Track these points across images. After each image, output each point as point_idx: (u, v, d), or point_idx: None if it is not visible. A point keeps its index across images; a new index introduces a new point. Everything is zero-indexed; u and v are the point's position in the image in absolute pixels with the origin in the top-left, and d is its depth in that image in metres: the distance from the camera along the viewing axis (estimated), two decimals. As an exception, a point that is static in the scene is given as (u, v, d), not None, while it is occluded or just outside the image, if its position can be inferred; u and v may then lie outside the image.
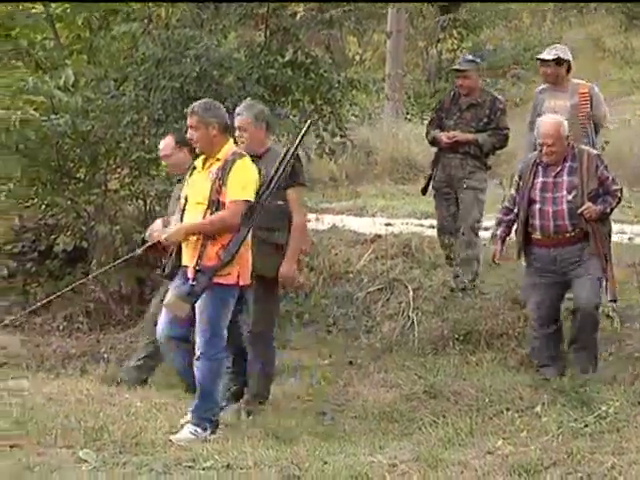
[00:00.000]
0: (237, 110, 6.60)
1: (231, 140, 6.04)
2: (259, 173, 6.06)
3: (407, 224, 10.90)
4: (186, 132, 6.05)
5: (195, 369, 5.92)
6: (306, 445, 5.65)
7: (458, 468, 5.03)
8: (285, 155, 6.04)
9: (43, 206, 10.07)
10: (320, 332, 8.93)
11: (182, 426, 5.88)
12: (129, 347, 8.65)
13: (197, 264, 5.71)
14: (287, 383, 7.60)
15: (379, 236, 10.00)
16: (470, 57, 9.24)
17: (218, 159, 5.84)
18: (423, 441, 5.70)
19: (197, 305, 5.79)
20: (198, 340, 5.86)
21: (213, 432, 5.89)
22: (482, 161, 8.71)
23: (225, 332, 5.91)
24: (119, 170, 9.85)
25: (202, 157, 5.95)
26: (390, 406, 7.00)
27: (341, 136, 10.25)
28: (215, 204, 5.76)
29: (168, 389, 7.36)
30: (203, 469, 5.20)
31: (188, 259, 5.86)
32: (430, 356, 8.09)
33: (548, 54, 8.25)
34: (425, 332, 8.47)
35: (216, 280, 5.73)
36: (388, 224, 10.98)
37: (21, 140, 8.86)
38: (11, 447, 5.58)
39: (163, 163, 7.91)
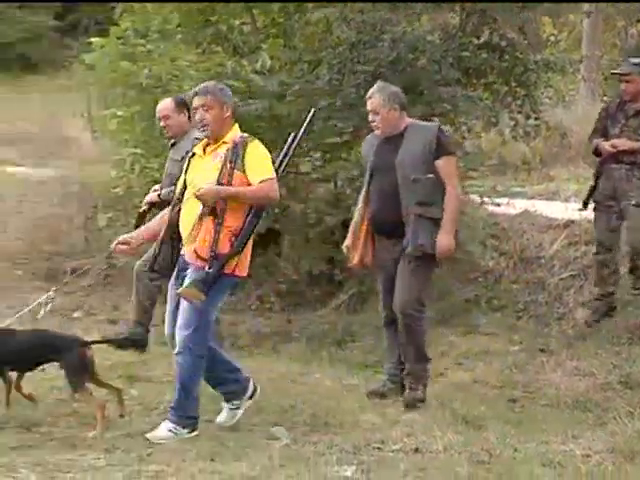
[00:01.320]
0: (369, 93, 6.41)
1: (236, 125, 5.67)
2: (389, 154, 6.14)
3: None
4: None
5: (176, 364, 5.58)
6: (496, 432, 5.57)
7: (656, 461, 4.86)
8: (292, 141, 5.72)
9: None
10: (509, 318, 8.77)
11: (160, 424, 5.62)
12: (319, 328, 8.75)
13: (212, 250, 5.36)
14: (477, 368, 7.51)
15: (572, 221, 9.73)
16: (635, 60, 8.35)
17: (225, 142, 5.53)
18: (618, 432, 5.49)
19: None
20: (181, 333, 5.49)
21: (193, 430, 5.56)
22: None
23: (212, 325, 5.67)
24: (311, 153, 9.97)
25: (202, 143, 5.64)
26: (583, 395, 6.82)
27: (535, 118, 10.06)
28: None
29: (359, 370, 7.44)
30: (392, 451, 5.22)
31: (193, 243, 5.43)
32: (626, 345, 7.81)
33: None
34: (621, 320, 8.19)
35: (225, 270, 5.41)
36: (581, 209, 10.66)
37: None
38: (207, 422, 5.78)
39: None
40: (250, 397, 5.88)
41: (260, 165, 5.46)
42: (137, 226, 8.00)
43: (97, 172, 10.97)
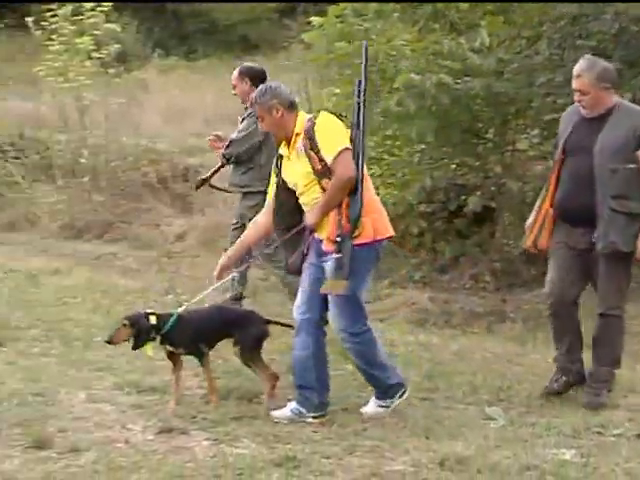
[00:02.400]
0: (575, 70, 5.78)
1: (302, 112, 5.52)
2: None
3: None
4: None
5: (347, 351, 5.52)
6: None
7: None
8: (360, 91, 5.35)
9: (453, 166, 10.24)
10: None
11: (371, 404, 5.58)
12: (534, 308, 8.59)
13: (338, 233, 5.20)
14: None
15: None
16: None
17: (297, 134, 5.40)
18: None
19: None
20: (337, 322, 5.37)
21: (403, 392, 5.52)
22: None
23: (364, 302, 5.43)
24: (528, 130, 9.77)
25: (283, 143, 5.50)
26: None
27: None
28: (326, 173, 5.26)
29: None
30: (613, 436, 5.08)
31: (324, 232, 5.32)
32: None
33: None
34: None
35: (353, 242, 5.23)
36: None
37: (435, 103, 8.99)
38: (422, 399, 5.80)
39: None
40: (316, 417, 5.49)
41: (329, 139, 5.26)
42: (197, 188, 8.16)
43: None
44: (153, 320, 5.54)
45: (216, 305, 6.32)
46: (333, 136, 5.26)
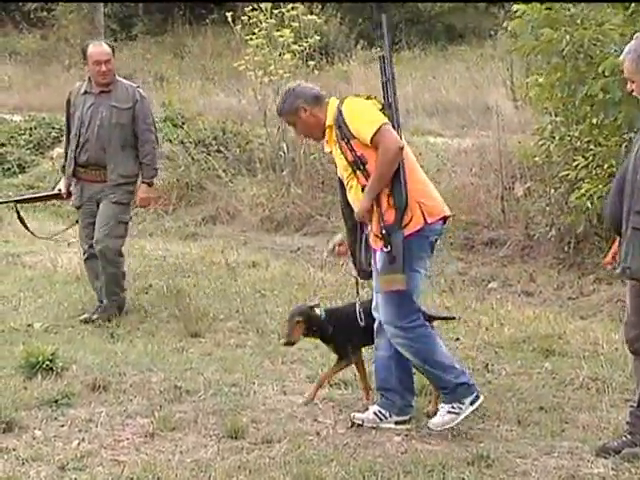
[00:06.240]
0: (624, 54, 4.73)
1: (331, 100, 5.20)
2: None
3: None
4: None
5: (399, 348, 5.06)
6: None
7: None
8: (386, 65, 5.07)
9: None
10: None
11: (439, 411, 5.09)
12: None
13: (381, 227, 4.89)
14: None
15: None
16: None
17: (330, 126, 5.10)
18: None
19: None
20: (385, 312, 5.01)
21: (475, 397, 5.00)
22: None
23: (416, 297, 5.03)
24: None
25: (325, 141, 5.23)
26: None
27: None
28: (358, 162, 4.97)
29: None
30: None
31: (370, 227, 5.04)
32: None
33: None
34: None
35: (405, 233, 4.89)
36: None
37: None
38: (626, 401, 5.50)
39: None
40: (398, 422, 5.19)
41: (362, 120, 4.96)
42: None
43: (517, 141, 10.87)
44: (318, 312, 5.46)
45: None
46: (365, 116, 4.98)
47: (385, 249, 4.88)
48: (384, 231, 4.88)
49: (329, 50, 18.24)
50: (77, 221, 7.54)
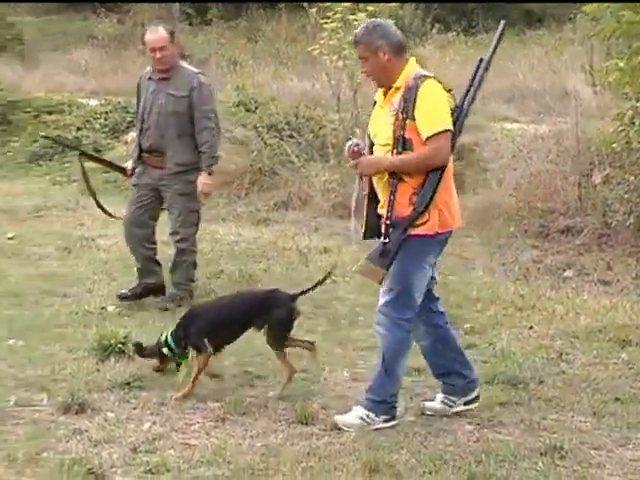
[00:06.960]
0: None
1: (412, 60, 4.90)
2: None
3: None
4: None
5: (377, 335, 4.97)
6: None
7: None
8: (481, 69, 4.76)
9: None
10: None
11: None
12: None
13: (388, 217, 4.73)
14: None
15: None
16: None
17: (397, 88, 4.79)
18: None
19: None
20: (382, 299, 4.88)
21: (388, 420, 4.90)
22: None
23: (418, 295, 4.85)
24: None
25: (382, 90, 4.92)
26: None
27: None
28: (401, 142, 4.72)
29: None
30: None
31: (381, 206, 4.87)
32: None
33: None
34: None
35: (411, 232, 4.74)
36: None
37: None
38: None
39: None
40: (467, 402, 5.15)
41: (431, 113, 4.72)
42: None
43: (596, 127, 10.67)
44: None
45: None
46: (436, 111, 4.75)
47: (382, 239, 4.79)
48: (389, 222, 4.77)
49: (404, 33, 18.05)
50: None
